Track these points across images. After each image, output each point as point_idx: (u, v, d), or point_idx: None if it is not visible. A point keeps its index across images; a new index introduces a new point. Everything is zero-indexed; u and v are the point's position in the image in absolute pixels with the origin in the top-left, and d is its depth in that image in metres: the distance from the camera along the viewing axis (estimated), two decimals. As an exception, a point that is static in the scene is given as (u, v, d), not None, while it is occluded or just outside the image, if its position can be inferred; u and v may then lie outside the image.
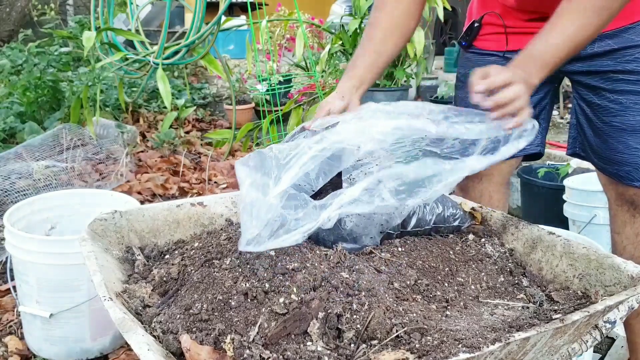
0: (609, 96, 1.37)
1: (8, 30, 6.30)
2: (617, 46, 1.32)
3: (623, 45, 1.32)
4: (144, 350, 0.74)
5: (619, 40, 1.32)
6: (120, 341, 1.87)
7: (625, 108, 1.35)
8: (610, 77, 1.36)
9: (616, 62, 1.33)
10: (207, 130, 4.46)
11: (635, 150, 1.35)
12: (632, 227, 1.43)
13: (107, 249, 1.08)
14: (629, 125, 1.35)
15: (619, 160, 1.39)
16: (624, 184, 1.41)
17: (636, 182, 1.38)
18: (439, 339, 0.80)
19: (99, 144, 3.17)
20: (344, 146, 0.98)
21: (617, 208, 1.46)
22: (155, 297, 0.96)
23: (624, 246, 1.44)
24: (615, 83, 1.35)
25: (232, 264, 0.95)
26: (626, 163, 1.38)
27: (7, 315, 2.02)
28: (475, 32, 1.53)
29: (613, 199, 1.47)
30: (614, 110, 1.37)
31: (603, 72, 1.36)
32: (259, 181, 0.93)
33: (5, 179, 2.44)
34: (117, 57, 3.50)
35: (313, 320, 0.83)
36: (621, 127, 1.36)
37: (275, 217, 0.90)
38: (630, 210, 1.42)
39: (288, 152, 0.96)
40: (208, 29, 3.37)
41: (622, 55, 1.32)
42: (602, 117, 1.40)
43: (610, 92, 1.36)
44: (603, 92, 1.38)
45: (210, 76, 5.76)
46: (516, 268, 1.13)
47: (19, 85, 3.77)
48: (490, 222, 1.26)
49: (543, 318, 0.93)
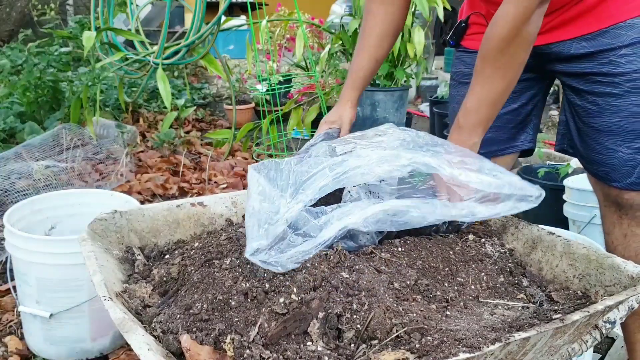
0: (587, 97, 1.39)
1: (8, 30, 6.30)
2: (593, 49, 1.34)
3: (598, 48, 1.33)
4: (144, 350, 0.74)
5: (595, 43, 1.34)
6: (120, 341, 1.87)
7: (601, 109, 1.37)
8: (588, 79, 1.38)
9: (593, 64, 1.35)
10: (207, 130, 4.46)
11: (611, 152, 1.37)
12: (620, 229, 1.44)
13: (107, 249, 1.08)
14: (605, 126, 1.37)
15: (597, 161, 1.41)
16: (605, 184, 1.43)
17: (614, 182, 1.39)
18: (439, 339, 0.80)
19: (99, 144, 3.17)
20: (363, 172, 1.00)
21: (605, 209, 1.48)
22: (155, 297, 0.96)
23: (615, 247, 1.46)
24: (592, 85, 1.37)
25: (232, 263, 0.95)
26: (604, 164, 1.40)
27: (7, 315, 2.02)
28: (462, 32, 1.57)
29: (601, 200, 1.49)
30: (592, 111, 1.39)
31: (582, 74, 1.38)
32: (269, 192, 0.94)
33: (5, 179, 2.44)
34: (117, 57, 3.50)
35: (313, 321, 0.83)
36: (598, 128, 1.38)
37: (285, 233, 0.92)
38: (617, 211, 1.43)
39: (308, 170, 0.98)
40: (208, 29, 3.36)
41: (598, 58, 1.34)
42: (582, 118, 1.42)
43: (589, 94, 1.39)
44: (583, 94, 1.40)
45: (210, 76, 5.76)
46: (516, 268, 1.13)
47: (19, 85, 3.77)
48: (490, 222, 1.26)
49: (543, 318, 0.93)
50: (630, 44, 1.31)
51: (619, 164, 1.37)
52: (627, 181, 1.38)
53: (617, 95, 1.34)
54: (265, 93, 3.59)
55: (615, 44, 1.32)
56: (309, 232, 0.94)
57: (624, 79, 1.32)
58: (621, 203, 1.41)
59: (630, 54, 1.31)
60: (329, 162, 0.99)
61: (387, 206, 1.00)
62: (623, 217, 1.42)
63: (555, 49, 1.39)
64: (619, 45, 1.31)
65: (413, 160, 1.03)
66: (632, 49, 1.31)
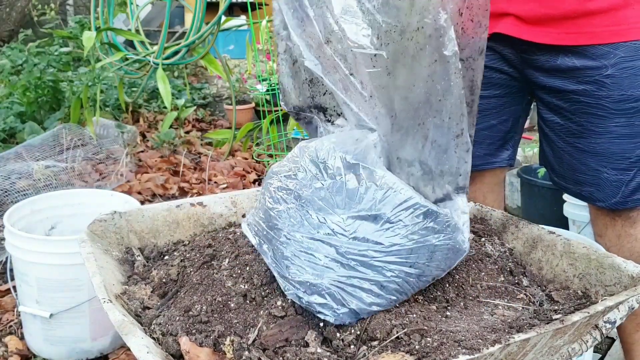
0: (572, 117, 1.36)
1: (8, 30, 6.30)
2: (580, 64, 1.31)
3: (585, 64, 1.30)
4: (143, 353, 0.74)
5: (583, 59, 1.30)
6: (120, 341, 1.87)
7: (585, 130, 1.35)
8: (570, 98, 1.35)
9: (577, 81, 1.32)
10: (207, 130, 4.46)
11: (596, 172, 1.36)
12: (614, 230, 1.43)
13: (106, 250, 1.08)
14: (590, 147, 1.35)
15: (581, 181, 1.39)
16: (589, 203, 1.42)
17: (599, 202, 1.38)
18: (439, 341, 0.80)
19: (99, 144, 3.17)
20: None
21: (596, 212, 1.46)
22: (154, 299, 0.96)
23: (608, 249, 1.44)
24: (575, 105, 1.35)
25: (230, 265, 0.95)
26: (588, 184, 1.38)
27: (7, 315, 2.02)
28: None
29: (592, 205, 1.47)
30: (575, 131, 1.36)
31: (564, 92, 1.35)
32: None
33: (5, 179, 2.44)
34: (117, 57, 3.49)
35: (310, 331, 0.83)
36: (583, 149, 1.36)
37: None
38: (610, 213, 1.42)
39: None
40: (208, 29, 3.36)
41: (583, 76, 1.31)
42: (565, 138, 1.39)
43: (572, 114, 1.36)
44: (565, 113, 1.37)
45: (210, 76, 5.76)
46: (516, 268, 1.13)
47: (19, 85, 3.77)
48: (490, 222, 1.26)
49: (543, 318, 0.93)
50: (615, 64, 1.28)
51: (603, 185, 1.36)
52: (612, 201, 1.36)
53: (602, 117, 1.31)
54: (265, 93, 3.58)
55: (602, 63, 1.29)
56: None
57: (609, 101, 1.30)
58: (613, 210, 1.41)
59: (615, 74, 1.28)
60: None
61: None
62: (616, 219, 1.41)
63: (541, 57, 1.36)
64: (605, 65, 1.28)
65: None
66: (617, 69, 1.28)
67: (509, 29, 1.36)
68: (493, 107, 1.49)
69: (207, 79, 5.90)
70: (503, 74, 1.46)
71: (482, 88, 1.50)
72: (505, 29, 1.37)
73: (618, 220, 1.41)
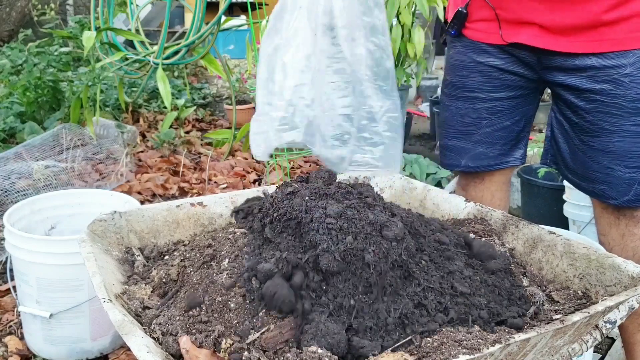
0: (586, 116, 1.37)
1: (8, 30, 6.30)
2: (598, 64, 1.32)
3: (603, 64, 1.32)
4: (143, 352, 0.74)
5: (601, 59, 1.32)
6: (120, 341, 1.87)
7: (600, 129, 1.35)
8: (587, 97, 1.36)
9: (593, 80, 1.33)
10: (207, 130, 4.46)
11: (609, 170, 1.36)
12: (618, 229, 1.43)
13: (106, 250, 1.08)
14: (604, 145, 1.36)
15: (593, 178, 1.40)
16: (601, 201, 1.42)
17: (611, 200, 1.39)
18: (439, 340, 0.80)
19: (99, 144, 3.17)
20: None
21: (601, 211, 1.47)
22: (154, 299, 0.96)
23: (611, 248, 1.44)
24: (592, 103, 1.35)
25: (230, 264, 0.94)
26: (601, 181, 1.39)
27: (7, 315, 2.02)
28: (463, 19, 1.51)
29: (596, 203, 1.47)
30: (590, 130, 1.37)
31: (581, 91, 1.36)
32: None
33: (5, 179, 2.43)
34: (117, 57, 3.49)
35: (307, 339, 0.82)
36: (596, 147, 1.37)
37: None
38: (615, 212, 1.42)
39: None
40: (208, 29, 3.36)
41: (600, 75, 1.32)
42: (580, 136, 1.40)
43: (587, 113, 1.37)
44: (581, 112, 1.38)
45: (210, 76, 5.76)
46: (516, 268, 1.13)
47: (19, 85, 3.76)
48: (491, 222, 1.26)
49: (543, 318, 0.93)
50: (634, 63, 1.29)
51: (616, 182, 1.36)
52: (624, 199, 1.37)
53: (618, 116, 1.32)
54: (265, 93, 3.58)
55: (621, 62, 1.30)
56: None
57: (625, 100, 1.30)
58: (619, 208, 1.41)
59: (634, 73, 1.29)
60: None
61: None
62: (621, 218, 1.42)
63: (559, 58, 1.37)
64: (624, 64, 1.30)
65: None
66: (636, 68, 1.29)
67: (532, 39, 1.38)
68: (507, 108, 1.50)
69: (207, 79, 5.90)
70: (518, 77, 1.47)
71: (496, 90, 1.52)
72: (528, 40, 1.38)
73: (622, 219, 1.41)
